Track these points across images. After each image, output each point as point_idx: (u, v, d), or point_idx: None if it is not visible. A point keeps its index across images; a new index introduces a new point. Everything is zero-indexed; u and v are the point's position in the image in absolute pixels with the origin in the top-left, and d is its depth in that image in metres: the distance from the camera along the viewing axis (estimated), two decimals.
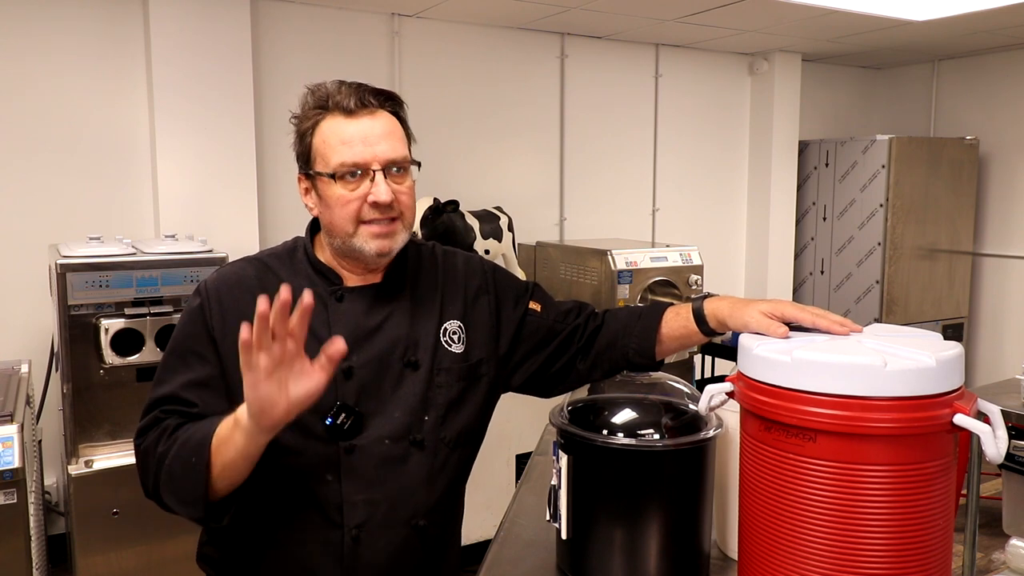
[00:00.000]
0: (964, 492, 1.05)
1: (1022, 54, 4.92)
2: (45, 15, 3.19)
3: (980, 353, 5.28)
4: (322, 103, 1.27)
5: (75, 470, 2.56)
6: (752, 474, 1.02)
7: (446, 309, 1.37)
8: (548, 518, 1.26)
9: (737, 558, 1.10)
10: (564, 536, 1.21)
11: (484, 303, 1.41)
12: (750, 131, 5.09)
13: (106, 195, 3.33)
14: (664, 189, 4.81)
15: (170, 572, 2.63)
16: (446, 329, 1.36)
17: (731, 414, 1.18)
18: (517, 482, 1.85)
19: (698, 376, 3.83)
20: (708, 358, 3.78)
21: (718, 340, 2.30)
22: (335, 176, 1.25)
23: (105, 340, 2.54)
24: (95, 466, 2.58)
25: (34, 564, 2.27)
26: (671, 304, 1.42)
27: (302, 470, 1.24)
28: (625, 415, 1.22)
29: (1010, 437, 1.29)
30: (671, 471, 1.16)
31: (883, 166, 4.70)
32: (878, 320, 4.72)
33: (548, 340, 1.42)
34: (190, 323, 1.29)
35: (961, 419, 0.92)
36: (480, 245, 3.52)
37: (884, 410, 0.91)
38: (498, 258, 3.65)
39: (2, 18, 3.12)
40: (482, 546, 1.39)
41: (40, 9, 3.18)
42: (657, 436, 1.16)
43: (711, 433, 1.17)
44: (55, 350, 2.89)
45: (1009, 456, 2.42)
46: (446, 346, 1.34)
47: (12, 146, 3.17)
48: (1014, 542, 1.71)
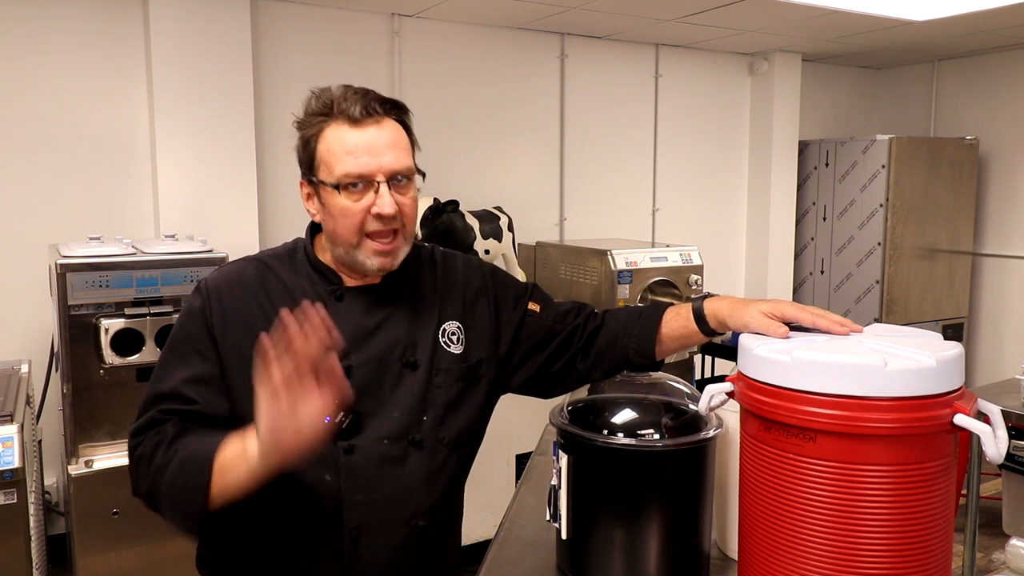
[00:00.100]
0: (964, 492, 1.05)
1: (1022, 54, 4.92)
2: (45, 15, 3.19)
3: (980, 353, 5.28)
4: (327, 109, 1.25)
5: (75, 470, 2.56)
6: (752, 474, 1.02)
7: (445, 310, 1.37)
8: (548, 518, 1.26)
9: (737, 558, 1.10)
10: (564, 536, 1.21)
11: (483, 304, 1.41)
12: (750, 131, 5.08)
13: (106, 195, 3.33)
14: (664, 189, 4.81)
15: (170, 572, 2.63)
16: (445, 330, 1.36)
17: (731, 414, 1.18)
18: (517, 482, 1.85)
19: (698, 376, 3.83)
20: (708, 358, 3.78)
21: (718, 340, 2.30)
22: (339, 186, 1.23)
23: (105, 340, 2.54)
24: (95, 466, 2.58)
25: (34, 564, 2.27)
26: (671, 304, 1.42)
27: (301, 470, 1.22)
28: (625, 415, 1.22)
29: (1010, 437, 1.29)
30: (671, 471, 1.16)
31: (883, 166, 4.70)
32: (878, 320, 4.72)
33: (547, 341, 1.42)
34: (190, 321, 1.29)
35: (961, 419, 0.92)
36: (480, 245, 3.52)
37: (884, 410, 0.91)
38: (498, 258, 3.64)
39: (2, 18, 3.12)
40: (482, 546, 1.39)
41: (40, 9, 3.18)
42: (657, 436, 1.17)
43: (711, 433, 1.17)
44: (55, 350, 2.89)
45: (1009, 456, 2.42)
46: (445, 347, 1.34)
47: (12, 146, 3.17)
48: (1014, 542, 1.71)
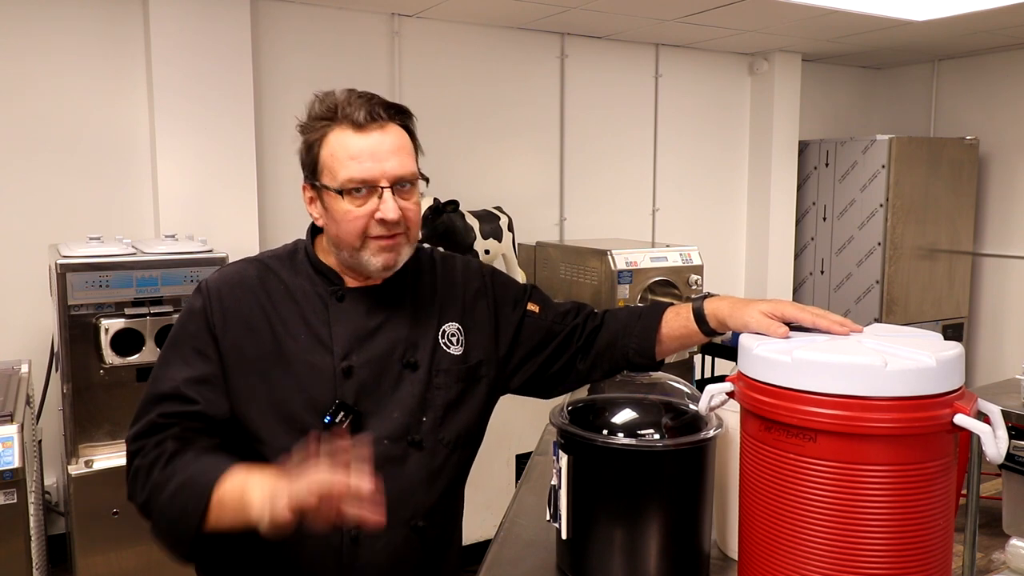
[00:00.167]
0: (964, 492, 1.05)
1: (1022, 54, 4.91)
2: (45, 15, 3.19)
3: (980, 353, 5.28)
4: (331, 113, 1.25)
5: (75, 470, 2.56)
6: (752, 474, 1.02)
7: (444, 311, 1.37)
8: (548, 518, 1.26)
9: (737, 558, 1.10)
10: (564, 536, 1.21)
11: (483, 306, 1.41)
12: (750, 131, 5.08)
13: (106, 195, 3.33)
14: (664, 189, 4.81)
15: (170, 572, 2.59)
16: (444, 331, 1.36)
17: (731, 414, 1.18)
18: (517, 482, 1.85)
19: (698, 376, 3.83)
20: (708, 358, 3.78)
21: (718, 340, 2.30)
22: (342, 191, 1.23)
23: (105, 340, 2.54)
24: (95, 466, 2.58)
25: (34, 564, 2.27)
26: (671, 304, 1.42)
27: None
28: (625, 415, 1.22)
29: (1010, 437, 1.29)
30: (671, 471, 1.16)
31: (883, 166, 4.70)
32: (878, 320, 4.72)
33: (547, 341, 1.42)
34: (191, 321, 1.29)
35: (961, 419, 0.92)
36: (480, 245, 3.52)
37: (884, 410, 0.91)
38: (498, 258, 3.64)
39: (2, 18, 3.12)
40: (482, 546, 1.39)
41: (40, 9, 3.18)
42: (657, 436, 1.17)
43: (711, 433, 1.17)
44: (55, 350, 2.89)
45: (1009, 456, 2.42)
46: (444, 348, 1.34)
47: (12, 146, 3.17)
48: (1014, 542, 1.71)
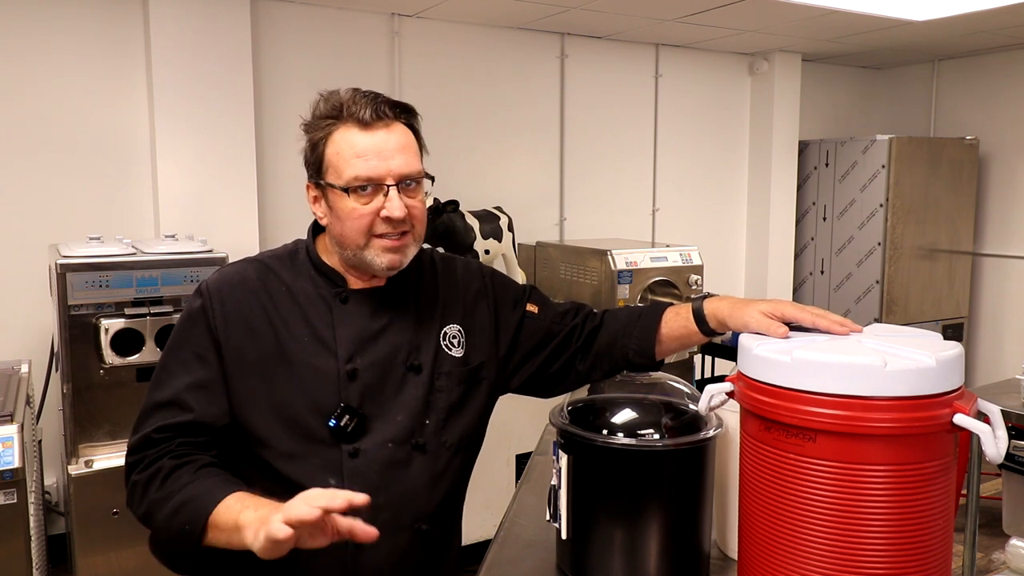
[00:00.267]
0: (964, 492, 1.05)
1: (1022, 54, 4.91)
2: (45, 15, 3.19)
3: (980, 353, 5.28)
4: (336, 112, 1.25)
5: (75, 470, 2.56)
6: (752, 474, 1.02)
7: (446, 314, 1.37)
8: (548, 518, 1.26)
9: (737, 558, 1.10)
10: (564, 536, 1.21)
11: (483, 307, 1.41)
12: (750, 131, 5.08)
13: (106, 195, 3.33)
14: (664, 189, 4.81)
15: (170, 572, 2.62)
16: (446, 333, 1.36)
17: (731, 414, 1.18)
18: (517, 482, 1.85)
19: (698, 376, 3.83)
20: (708, 358, 3.78)
21: (718, 340, 2.30)
22: (348, 189, 1.23)
23: (105, 340, 2.54)
24: (95, 466, 2.58)
25: (34, 564, 2.27)
26: (671, 304, 1.42)
27: (304, 474, 1.22)
28: (625, 415, 1.22)
29: (1010, 437, 1.29)
30: (671, 471, 1.16)
31: (883, 166, 4.70)
32: (878, 320, 4.72)
33: (546, 342, 1.42)
34: (191, 324, 1.28)
35: (961, 419, 0.92)
36: (480, 245, 3.52)
37: (884, 410, 0.91)
38: (498, 258, 3.64)
39: (2, 18, 3.12)
40: (482, 546, 1.39)
41: (40, 9, 3.18)
42: (657, 436, 1.16)
43: (711, 433, 1.17)
44: (55, 350, 2.89)
45: (1009, 456, 2.42)
46: (446, 350, 1.34)
47: (12, 146, 3.17)
48: (1014, 542, 1.71)
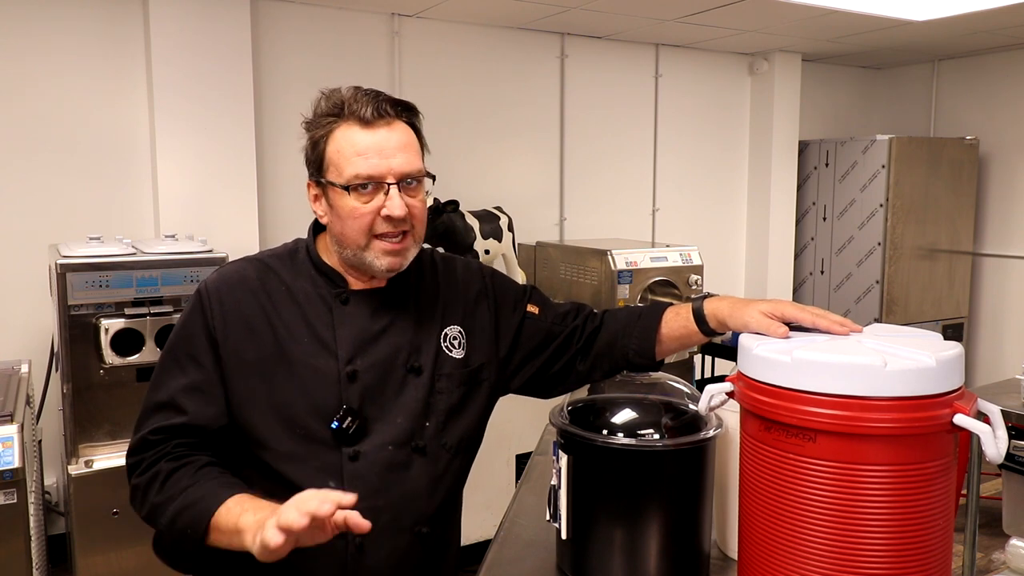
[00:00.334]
0: (964, 492, 1.05)
1: (1022, 54, 4.91)
2: (45, 15, 3.19)
3: (980, 353, 5.28)
4: (337, 110, 1.24)
5: (75, 470, 2.56)
6: (752, 474, 1.02)
7: (446, 315, 1.37)
8: (548, 518, 1.26)
9: (737, 558, 1.10)
10: (564, 536, 1.21)
11: (484, 308, 1.41)
12: (750, 131, 5.08)
13: (106, 195, 3.33)
14: (664, 189, 4.81)
15: (170, 573, 2.62)
16: (447, 335, 1.35)
17: (731, 414, 1.18)
18: (517, 482, 1.85)
19: (698, 376, 3.83)
20: (708, 358, 3.78)
21: (718, 340, 2.30)
22: (348, 188, 1.22)
23: (105, 340, 2.54)
24: (95, 466, 2.58)
25: (34, 564, 2.27)
26: (671, 304, 1.42)
27: (304, 477, 1.22)
28: (625, 415, 1.22)
29: (1010, 437, 1.29)
30: (671, 471, 1.16)
31: (883, 166, 4.70)
32: (878, 320, 4.72)
33: (547, 343, 1.42)
34: (190, 324, 1.28)
35: (961, 419, 0.92)
36: (480, 245, 3.52)
37: (884, 410, 0.91)
38: (498, 258, 3.64)
39: (2, 18, 3.12)
40: (482, 546, 1.39)
41: (40, 9, 3.18)
42: (657, 436, 1.16)
43: (711, 433, 1.17)
44: (55, 350, 2.89)
45: (1009, 456, 2.42)
46: (447, 352, 1.34)
47: (12, 146, 3.17)
48: (1014, 542, 1.71)
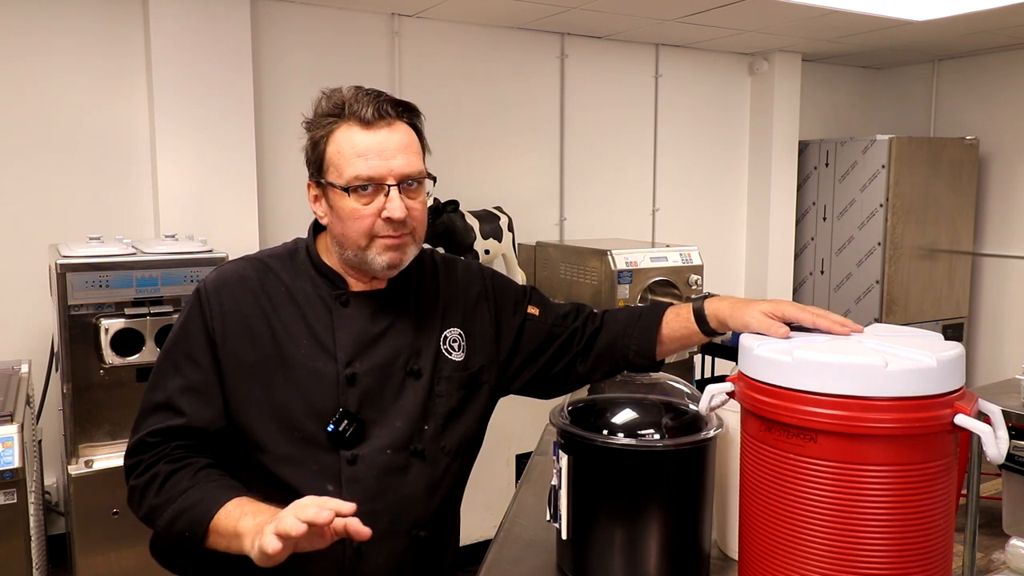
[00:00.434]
0: (964, 492, 1.05)
1: (1022, 54, 4.91)
2: (45, 15, 3.19)
3: (980, 353, 5.28)
4: (338, 110, 1.23)
5: (75, 470, 2.56)
6: (752, 474, 1.02)
7: (446, 317, 1.36)
8: (548, 518, 1.26)
9: (737, 558, 1.10)
10: (564, 536, 1.21)
11: (484, 310, 1.40)
12: (750, 131, 5.08)
13: (106, 195, 3.33)
14: (664, 189, 4.81)
15: (170, 573, 2.62)
16: (446, 337, 1.35)
17: (731, 414, 1.18)
18: (517, 482, 1.85)
19: (698, 376, 3.83)
20: (708, 358, 3.78)
21: (718, 340, 2.30)
22: (348, 189, 1.22)
23: (105, 340, 2.54)
24: (95, 466, 2.58)
25: (34, 564, 2.27)
26: (671, 304, 1.41)
27: (302, 480, 1.22)
28: (625, 415, 1.22)
29: (1010, 437, 1.29)
30: (671, 471, 1.16)
31: (883, 166, 4.70)
32: (878, 320, 4.72)
33: (547, 344, 1.42)
34: (189, 324, 1.28)
35: (962, 419, 0.92)
36: (480, 245, 3.52)
37: (884, 410, 0.91)
38: (498, 258, 3.64)
39: (2, 18, 3.12)
40: (482, 546, 1.39)
41: (40, 9, 3.18)
42: (657, 436, 1.16)
43: (711, 433, 1.17)
44: (55, 350, 2.89)
45: (1009, 456, 2.41)
46: (446, 354, 1.33)
47: (12, 146, 3.17)
48: (1014, 542, 1.71)
